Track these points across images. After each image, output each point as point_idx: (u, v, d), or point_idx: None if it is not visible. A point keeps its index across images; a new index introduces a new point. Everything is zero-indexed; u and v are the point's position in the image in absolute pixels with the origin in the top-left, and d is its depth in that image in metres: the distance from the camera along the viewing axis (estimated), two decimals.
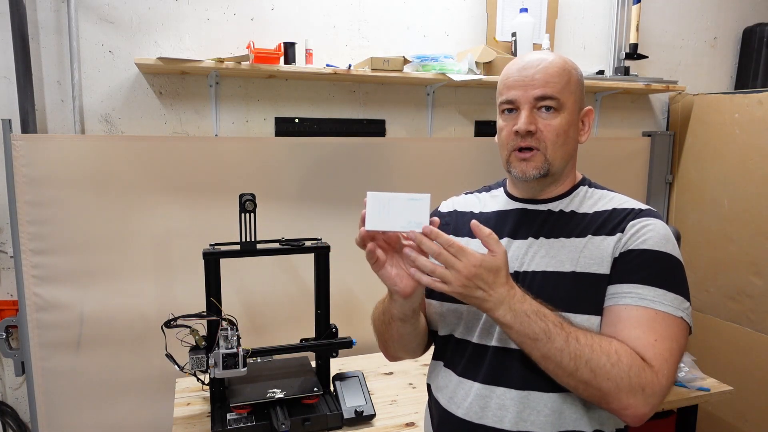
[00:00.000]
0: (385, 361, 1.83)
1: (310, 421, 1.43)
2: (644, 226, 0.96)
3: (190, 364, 1.41)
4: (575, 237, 1.00)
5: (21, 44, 1.67)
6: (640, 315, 0.90)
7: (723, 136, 2.35)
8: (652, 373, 0.86)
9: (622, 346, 0.88)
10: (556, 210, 1.05)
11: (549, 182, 1.06)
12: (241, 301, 1.93)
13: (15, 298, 1.80)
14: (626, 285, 0.93)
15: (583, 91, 1.05)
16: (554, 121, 1.00)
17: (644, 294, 0.91)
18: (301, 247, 1.54)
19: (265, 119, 2.01)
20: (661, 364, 0.87)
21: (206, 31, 1.89)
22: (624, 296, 0.92)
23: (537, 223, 1.05)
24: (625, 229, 0.96)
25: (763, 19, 2.66)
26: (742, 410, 2.30)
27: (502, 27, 2.22)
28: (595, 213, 1.02)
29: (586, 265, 0.96)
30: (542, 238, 1.02)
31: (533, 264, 1.01)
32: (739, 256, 2.29)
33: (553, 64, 1.01)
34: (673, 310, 0.90)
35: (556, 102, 0.99)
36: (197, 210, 1.87)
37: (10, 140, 1.66)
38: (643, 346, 0.88)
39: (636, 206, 1.01)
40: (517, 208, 1.09)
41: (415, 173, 2.14)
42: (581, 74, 1.05)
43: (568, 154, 1.04)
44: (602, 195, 1.07)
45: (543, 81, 0.99)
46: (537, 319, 0.87)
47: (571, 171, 1.08)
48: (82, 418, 1.81)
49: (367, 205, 0.90)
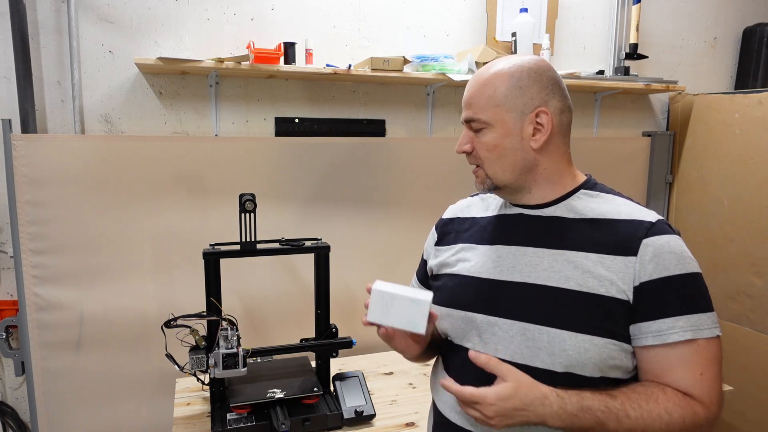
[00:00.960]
0: (385, 361, 1.83)
1: (310, 421, 1.43)
2: (661, 248, 0.92)
3: (190, 364, 1.41)
4: (580, 251, 0.96)
5: (21, 44, 1.67)
6: (685, 351, 0.90)
7: (723, 136, 2.35)
8: (704, 409, 0.89)
9: (669, 399, 0.88)
10: (556, 216, 1.02)
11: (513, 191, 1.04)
12: (241, 301, 1.93)
13: (15, 298, 1.80)
14: (661, 321, 0.90)
15: (525, 94, 0.98)
16: (484, 139, 1.00)
17: (683, 326, 0.90)
18: (301, 247, 1.53)
19: (265, 119, 2.01)
20: (710, 397, 0.89)
21: (206, 31, 1.89)
22: (661, 334, 0.90)
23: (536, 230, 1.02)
24: (638, 251, 0.92)
25: (763, 19, 2.66)
26: (742, 410, 2.30)
27: (502, 27, 2.22)
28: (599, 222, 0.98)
29: (593, 285, 0.93)
30: (543, 248, 1.00)
31: (533, 275, 0.98)
32: (739, 256, 2.29)
33: (477, 81, 1.00)
34: (709, 332, 0.90)
35: (478, 122, 0.99)
36: (197, 210, 1.87)
37: (10, 140, 1.66)
38: (692, 385, 0.89)
39: (644, 218, 0.96)
40: (514, 213, 1.07)
41: (415, 173, 2.14)
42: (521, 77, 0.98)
43: (513, 165, 0.99)
44: (606, 201, 1.01)
45: (467, 103, 1.01)
46: (584, 415, 0.86)
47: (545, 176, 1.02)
48: (82, 418, 1.81)
49: (371, 298, 0.93)
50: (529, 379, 0.86)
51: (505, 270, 1.01)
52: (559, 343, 0.93)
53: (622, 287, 0.92)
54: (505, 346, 0.97)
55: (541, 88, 0.99)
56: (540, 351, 0.94)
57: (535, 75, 0.99)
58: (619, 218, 0.97)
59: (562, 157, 1.03)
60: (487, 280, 1.03)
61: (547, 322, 0.94)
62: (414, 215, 2.15)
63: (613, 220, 0.97)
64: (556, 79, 1.02)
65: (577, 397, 0.86)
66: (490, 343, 0.99)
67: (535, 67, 1.00)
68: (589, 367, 0.92)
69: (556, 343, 0.93)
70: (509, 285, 1.00)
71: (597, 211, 0.99)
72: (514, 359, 0.96)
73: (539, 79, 0.99)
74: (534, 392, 0.85)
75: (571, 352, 0.92)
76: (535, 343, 0.95)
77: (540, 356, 0.94)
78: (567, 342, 0.92)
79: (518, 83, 0.98)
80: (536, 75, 0.99)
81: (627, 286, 0.91)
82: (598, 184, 1.06)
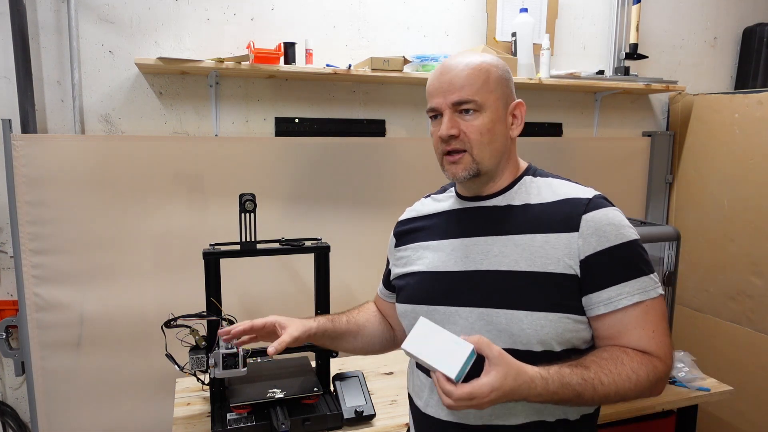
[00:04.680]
0: (386, 360, 1.83)
1: (310, 421, 1.43)
2: (599, 222, 0.98)
3: (190, 364, 1.41)
4: (526, 234, 1.01)
5: (21, 44, 1.67)
6: (636, 313, 0.96)
7: (723, 136, 2.35)
8: (661, 363, 0.96)
9: (632, 359, 0.95)
10: (502, 205, 1.07)
11: (486, 180, 1.07)
12: (241, 301, 1.93)
13: (15, 298, 1.80)
14: (609, 289, 0.96)
15: (508, 86, 1.05)
16: (476, 122, 1.01)
17: (630, 291, 0.96)
18: (301, 247, 1.54)
19: (265, 119, 2.01)
20: (663, 351, 0.97)
21: (206, 31, 1.89)
22: (612, 302, 0.96)
23: (485, 220, 1.07)
24: (579, 227, 0.98)
25: (763, 19, 2.66)
26: (742, 410, 2.30)
27: (502, 27, 2.22)
28: (542, 205, 1.03)
29: (541, 264, 0.98)
30: (493, 236, 1.04)
31: (486, 263, 1.03)
32: (739, 256, 2.29)
33: (468, 66, 1.02)
34: (654, 292, 0.97)
35: (474, 104, 1.01)
36: (197, 210, 1.87)
37: (10, 140, 1.66)
38: (646, 342, 0.96)
39: (581, 195, 1.02)
40: (464, 207, 1.11)
41: (415, 173, 2.13)
42: (505, 70, 1.05)
43: (498, 151, 1.04)
44: (546, 184, 1.07)
45: (459, 85, 1.02)
46: (564, 391, 0.90)
47: (508, 165, 1.08)
48: (82, 418, 1.82)
49: (416, 327, 0.94)
50: (516, 364, 0.88)
51: (459, 261, 1.06)
52: (516, 323, 0.97)
53: (569, 262, 0.97)
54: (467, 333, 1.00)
55: (513, 84, 1.08)
56: (500, 333, 0.99)
57: (509, 72, 1.08)
58: (558, 198, 1.03)
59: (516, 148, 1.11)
60: (444, 273, 1.07)
61: (502, 305, 0.99)
62: None
63: (554, 202, 1.03)
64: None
65: (558, 375, 0.90)
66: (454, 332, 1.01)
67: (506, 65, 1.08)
68: (549, 342, 0.97)
69: (513, 324, 0.98)
70: (464, 275, 1.05)
71: (539, 195, 1.05)
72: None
73: (510, 76, 1.08)
74: (522, 376, 0.88)
75: (529, 331, 0.97)
76: (494, 326, 0.99)
77: (501, 337, 0.98)
78: (524, 321, 0.97)
79: (504, 75, 1.05)
80: (509, 73, 1.08)
81: (573, 261, 0.97)
82: (539, 170, 1.12)
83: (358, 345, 1.30)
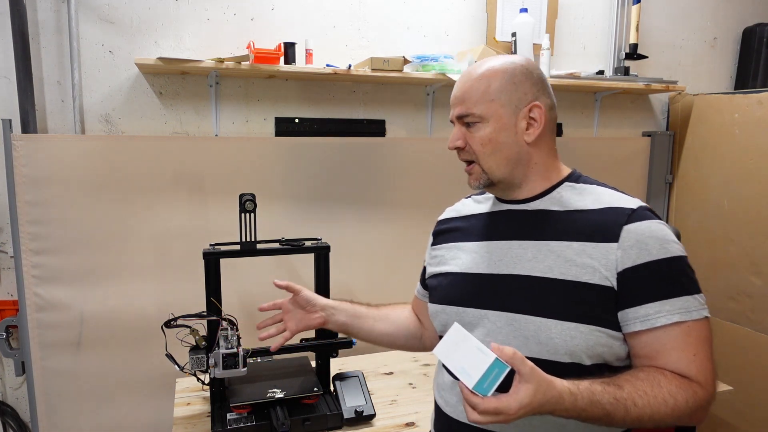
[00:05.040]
0: (386, 360, 1.84)
1: (310, 421, 1.43)
2: (641, 234, 0.93)
3: (190, 364, 1.41)
4: (563, 240, 0.98)
5: (21, 44, 1.67)
6: (675, 334, 0.91)
7: (723, 136, 2.35)
8: (701, 389, 0.90)
9: (671, 382, 0.89)
10: (540, 209, 1.04)
11: (505, 187, 1.06)
12: (241, 301, 1.93)
13: (15, 298, 1.80)
14: (646, 306, 0.91)
15: (519, 89, 1.00)
16: (479, 133, 1.01)
17: (669, 309, 0.91)
18: (301, 247, 1.53)
19: (265, 119, 2.01)
20: (705, 376, 0.91)
21: (206, 31, 1.89)
22: (648, 319, 0.91)
23: (522, 224, 1.05)
24: (619, 237, 0.93)
25: (763, 19, 2.66)
26: (742, 410, 2.30)
27: (502, 27, 2.22)
28: (582, 212, 1.00)
29: (575, 273, 0.95)
30: (528, 240, 1.02)
31: (519, 267, 1.01)
32: (739, 256, 2.29)
33: (470, 77, 1.02)
34: (697, 313, 0.92)
35: (473, 116, 1.00)
36: (197, 210, 1.87)
37: (10, 140, 1.66)
38: (686, 366, 0.91)
39: (626, 205, 0.97)
40: (501, 210, 1.10)
41: (415, 173, 2.14)
42: (516, 73, 1.01)
43: (508, 159, 1.02)
44: (590, 191, 1.03)
45: (460, 99, 1.02)
46: (592, 409, 0.86)
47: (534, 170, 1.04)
48: (82, 418, 1.82)
49: (449, 332, 0.92)
50: (546, 380, 0.84)
51: (492, 264, 1.04)
52: (545, 332, 0.95)
53: (605, 274, 0.93)
54: (494, 337, 1.00)
55: (533, 85, 1.02)
56: (527, 340, 0.96)
57: (527, 72, 1.02)
58: (600, 207, 0.99)
59: (550, 152, 1.06)
60: (476, 275, 1.06)
61: (532, 312, 0.96)
62: (414, 215, 2.15)
63: (595, 209, 0.99)
64: (543, 77, 1.05)
65: (588, 393, 0.86)
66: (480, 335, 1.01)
67: (526, 64, 1.03)
68: (578, 354, 0.93)
69: (542, 332, 0.95)
70: (496, 278, 1.03)
71: (580, 202, 1.02)
72: None
73: (530, 76, 1.02)
74: (551, 391, 0.84)
75: (557, 340, 0.93)
76: (522, 332, 0.97)
77: (528, 345, 0.96)
78: (553, 330, 0.94)
79: (512, 79, 1.01)
80: (527, 72, 1.02)
81: (610, 273, 0.93)
82: (583, 177, 1.08)
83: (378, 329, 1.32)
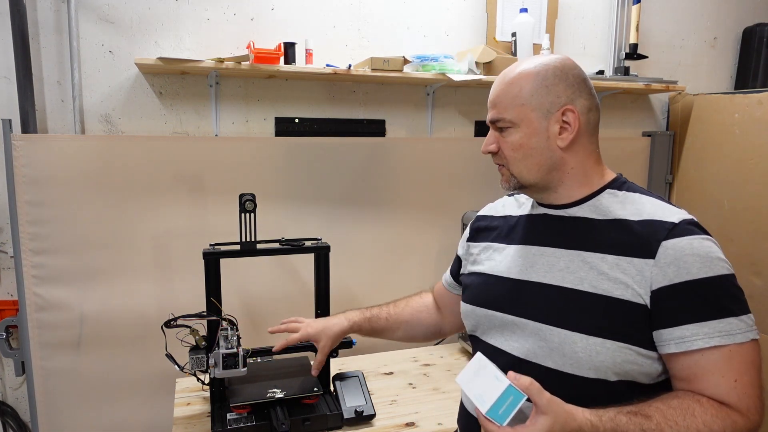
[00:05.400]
0: (385, 360, 1.84)
1: (310, 421, 1.43)
2: (681, 251, 0.87)
3: (190, 364, 1.41)
4: (597, 252, 0.94)
5: (21, 44, 1.67)
6: (715, 358, 0.85)
7: (723, 136, 2.35)
8: (742, 418, 0.85)
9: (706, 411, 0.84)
10: (578, 216, 1.00)
11: (538, 191, 1.04)
12: (241, 301, 1.93)
13: (15, 298, 1.80)
14: (682, 327, 0.86)
15: (551, 92, 0.97)
16: (509, 138, 1.00)
17: (708, 332, 0.85)
18: (301, 247, 1.53)
19: (265, 119, 2.01)
20: (747, 404, 0.85)
21: (206, 31, 1.89)
22: (684, 341, 0.86)
23: (557, 230, 1.02)
24: (656, 254, 0.88)
25: (763, 19, 2.66)
26: None
27: (502, 27, 2.22)
28: (621, 222, 0.95)
29: (607, 288, 0.91)
30: (562, 248, 0.99)
31: (549, 276, 0.98)
32: (739, 256, 2.29)
33: (504, 81, 1.01)
34: (743, 336, 0.86)
35: (504, 121, 0.99)
36: (197, 210, 1.87)
37: (10, 140, 1.66)
38: (726, 393, 0.85)
39: (667, 219, 0.91)
40: (539, 213, 1.07)
41: (415, 173, 2.14)
42: (546, 75, 0.97)
43: (539, 165, 0.99)
44: (632, 200, 0.98)
45: (493, 103, 1.01)
46: None
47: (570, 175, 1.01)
48: (82, 418, 1.81)
49: (470, 362, 0.92)
50: (565, 411, 0.81)
51: (524, 270, 1.02)
52: (569, 345, 0.92)
53: (638, 291, 0.89)
54: (521, 345, 0.99)
55: (567, 87, 0.98)
56: (552, 352, 0.94)
57: (561, 73, 0.98)
58: (640, 219, 0.94)
59: (589, 156, 1.03)
60: (509, 280, 1.04)
61: (559, 323, 0.94)
62: (414, 215, 2.15)
63: (635, 221, 0.94)
64: (582, 77, 1.00)
65: (611, 424, 0.82)
66: (509, 340, 1.01)
67: (561, 65, 0.99)
68: (604, 370, 0.90)
69: (566, 345, 0.92)
70: (527, 284, 1.01)
71: (620, 211, 0.97)
72: (528, 358, 0.98)
73: (565, 77, 0.98)
74: (570, 424, 0.80)
75: (581, 355, 0.90)
76: (547, 343, 0.95)
77: (552, 357, 0.94)
78: (578, 344, 0.91)
79: (543, 82, 0.97)
80: (562, 73, 0.98)
81: (643, 290, 0.88)
82: (627, 183, 1.04)
83: (398, 337, 1.40)
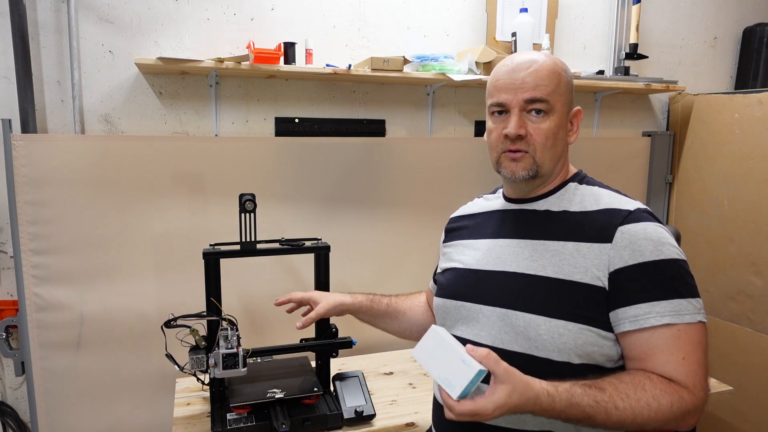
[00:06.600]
0: (386, 360, 1.84)
1: (310, 421, 1.43)
2: (635, 235, 0.93)
3: (190, 364, 1.41)
4: (559, 240, 1.00)
5: (21, 44, 1.67)
6: (665, 336, 0.90)
7: (723, 136, 2.35)
8: (689, 394, 0.89)
9: (655, 386, 0.88)
10: (542, 209, 1.07)
11: (539, 182, 1.08)
12: (241, 301, 1.93)
13: (15, 298, 1.80)
14: (638, 306, 0.91)
15: (572, 92, 1.05)
16: (544, 125, 1.00)
17: (660, 311, 0.90)
18: (301, 247, 1.53)
19: (265, 119, 2.00)
20: (694, 381, 0.90)
21: (206, 31, 1.89)
22: (638, 319, 0.91)
23: (524, 223, 1.07)
24: (613, 238, 0.94)
25: (763, 19, 2.66)
26: (742, 410, 2.30)
27: (502, 27, 2.22)
28: (581, 213, 1.02)
29: (568, 272, 0.96)
30: (527, 239, 1.04)
31: (515, 265, 1.03)
32: (739, 256, 2.29)
33: (543, 67, 1.01)
34: (691, 317, 0.91)
35: (546, 105, 1.00)
36: (197, 210, 1.87)
37: (10, 140, 1.66)
38: (674, 369, 0.90)
39: (622, 207, 0.98)
40: (507, 209, 1.13)
41: (415, 173, 2.14)
42: (571, 75, 1.06)
43: (557, 156, 1.04)
44: (591, 193, 1.05)
45: (533, 84, 1.00)
46: (572, 411, 0.86)
47: (561, 170, 1.08)
48: (82, 418, 1.81)
49: (426, 335, 0.93)
50: (522, 381, 0.85)
51: (491, 261, 1.07)
52: (534, 328, 0.96)
53: (597, 274, 0.94)
54: (488, 332, 1.02)
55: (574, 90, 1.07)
56: (518, 336, 0.98)
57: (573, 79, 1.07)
58: (599, 208, 1.00)
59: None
60: (476, 271, 1.09)
61: (523, 308, 0.98)
62: (414, 215, 2.15)
63: (593, 211, 1.01)
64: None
65: (567, 394, 0.86)
66: (475, 329, 1.04)
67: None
68: (567, 352, 0.94)
69: (531, 328, 0.97)
70: (492, 274, 1.06)
71: (581, 203, 1.03)
72: (495, 344, 1.01)
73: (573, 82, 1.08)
74: (527, 393, 0.84)
75: (545, 337, 0.95)
76: (513, 328, 0.99)
77: (518, 341, 0.98)
78: (541, 327, 0.95)
79: (570, 80, 1.05)
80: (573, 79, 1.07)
81: (602, 273, 0.94)
82: (587, 178, 1.10)
83: (395, 328, 1.40)
